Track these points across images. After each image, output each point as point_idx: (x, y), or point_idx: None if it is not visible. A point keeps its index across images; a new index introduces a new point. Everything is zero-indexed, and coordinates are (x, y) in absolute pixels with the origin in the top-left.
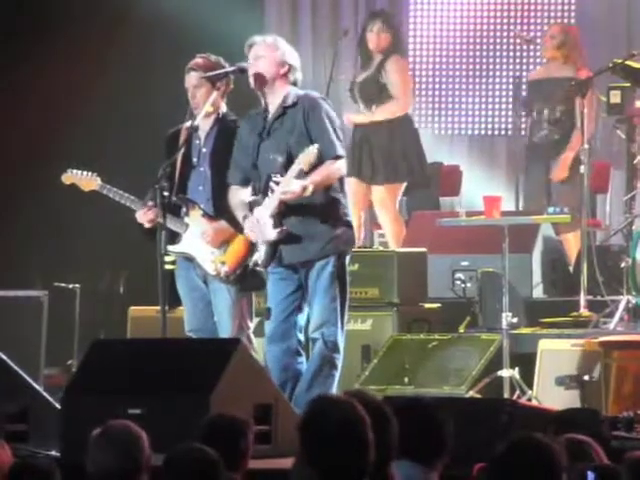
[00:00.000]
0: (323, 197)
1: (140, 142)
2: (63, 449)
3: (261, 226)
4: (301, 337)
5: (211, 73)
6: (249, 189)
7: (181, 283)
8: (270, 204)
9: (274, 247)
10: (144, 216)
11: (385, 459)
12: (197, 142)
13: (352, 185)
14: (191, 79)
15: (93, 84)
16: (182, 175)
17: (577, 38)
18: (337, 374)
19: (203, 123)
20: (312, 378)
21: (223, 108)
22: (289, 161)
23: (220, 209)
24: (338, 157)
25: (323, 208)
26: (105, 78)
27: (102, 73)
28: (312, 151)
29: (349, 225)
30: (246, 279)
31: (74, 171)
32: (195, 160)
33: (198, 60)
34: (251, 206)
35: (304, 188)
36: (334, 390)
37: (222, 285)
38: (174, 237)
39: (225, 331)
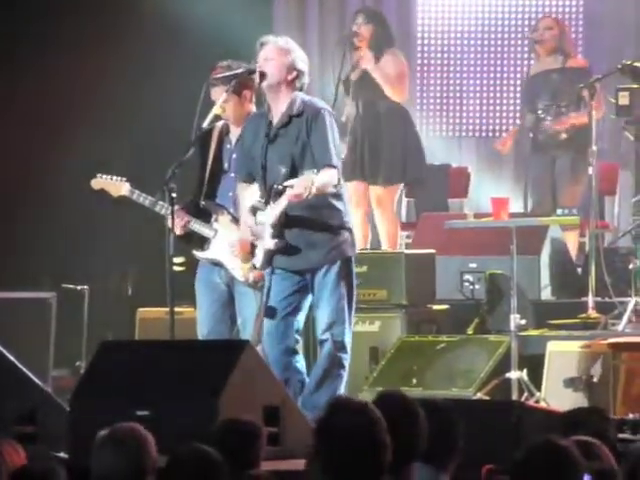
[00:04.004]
0: (323, 206)
1: (155, 143)
2: (71, 450)
3: (260, 232)
4: (298, 337)
5: (219, 75)
6: (255, 188)
7: (201, 284)
8: (273, 211)
9: (270, 253)
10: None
11: (410, 459)
12: (228, 147)
13: (352, 185)
14: (216, 93)
15: (105, 84)
16: (212, 180)
17: (567, 28)
18: (345, 374)
19: (234, 128)
20: (321, 379)
21: (252, 111)
22: (293, 172)
23: None
24: (332, 166)
25: (323, 216)
26: (116, 78)
27: (113, 73)
28: (311, 177)
29: (350, 231)
30: None
31: (103, 176)
32: (226, 165)
33: (216, 70)
34: (253, 210)
35: (308, 192)
36: (342, 390)
37: (248, 290)
38: (203, 242)
39: (248, 335)
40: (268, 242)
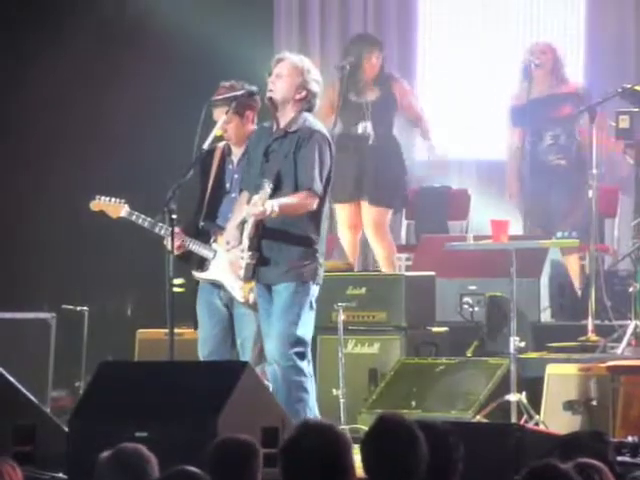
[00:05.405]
0: (298, 229)
1: (155, 164)
2: (69, 471)
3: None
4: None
5: (219, 97)
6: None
7: (201, 307)
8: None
9: (250, 266)
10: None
11: None
12: (230, 167)
13: (345, 210)
14: (218, 113)
15: (107, 104)
16: (212, 200)
17: (560, 53)
18: (308, 397)
19: (235, 148)
20: (292, 407)
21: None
22: (277, 186)
23: None
24: (312, 192)
25: (295, 239)
26: (117, 98)
27: (114, 92)
28: (266, 190)
29: (317, 262)
30: None
31: (102, 198)
32: (228, 186)
33: (219, 91)
34: (242, 222)
35: (270, 208)
36: (309, 413)
37: (248, 311)
38: (203, 263)
39: (248, 356)
40: (245, 254)
